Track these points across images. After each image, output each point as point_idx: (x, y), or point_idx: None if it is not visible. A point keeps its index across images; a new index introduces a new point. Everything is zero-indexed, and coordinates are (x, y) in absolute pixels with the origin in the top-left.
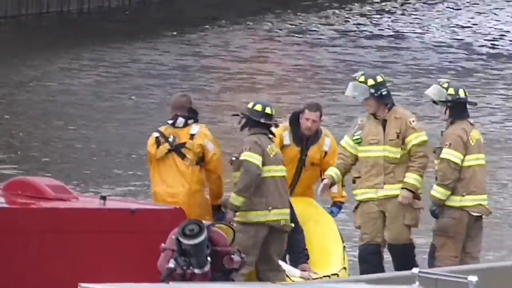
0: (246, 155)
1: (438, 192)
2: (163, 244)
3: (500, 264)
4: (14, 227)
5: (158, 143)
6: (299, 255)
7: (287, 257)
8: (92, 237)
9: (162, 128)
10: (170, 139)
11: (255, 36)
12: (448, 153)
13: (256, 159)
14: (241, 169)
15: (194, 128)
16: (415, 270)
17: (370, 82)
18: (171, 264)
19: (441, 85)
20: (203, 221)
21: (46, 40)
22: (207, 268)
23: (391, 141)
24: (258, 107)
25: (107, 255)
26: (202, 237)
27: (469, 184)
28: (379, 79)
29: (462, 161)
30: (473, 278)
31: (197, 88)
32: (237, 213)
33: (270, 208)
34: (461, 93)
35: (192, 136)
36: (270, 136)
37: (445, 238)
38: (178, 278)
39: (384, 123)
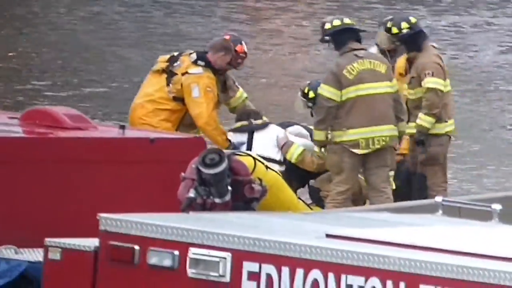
0: (319, 88)
1: (425, 121)
2: (182, 174)
3: None
4: (31, 157)
5: (170, 59)
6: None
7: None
8: (111, 167)
9: (187, 52)
10: (176, 64)
11: None
12: (434, 82)
13: (327, 91)
14: None
15: (196, 69)
16: (438, 199)
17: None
18: (191, 194)
19: (386, 28)
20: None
21: None
22: (227, 197)
23: None
24: (337, 22)
25: (126, 185)
26: (223, 166)
27: (448, 109)
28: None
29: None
30: (497, 207)
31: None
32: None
33: (344, 129)
34: (404, 26)
35: (185, 73)
36: (357, 52)
37: (435, 167)
38: (198, 207)
39: None
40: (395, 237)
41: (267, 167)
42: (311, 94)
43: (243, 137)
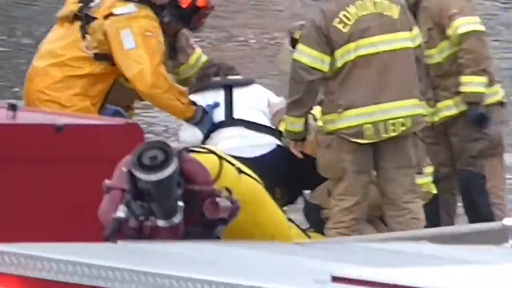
0: (295, 52)
1: (476, 83)
2: (107, 181)
3: None
4: None
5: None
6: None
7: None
8: None
9: None
10: (93, 3)
11: None
12: (468, 23)
13: (308, 55)
14: None
15: (125, 7)
16: (507, 221)
17: None
18: (121, 213)
19: None
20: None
21: None
22: (177, 218)
23: None
24: None
25: (17, 195)
26: (170, 169)
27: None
28: None
29: None
30: None
31: None
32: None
33: (340, 110)
34: None
35: (109, 15)
36: None
37: (494, 159)
38: (132, 233)
39: None
40: (440, 282)
41: (239, 170)
42: None
43: (218, 96)
